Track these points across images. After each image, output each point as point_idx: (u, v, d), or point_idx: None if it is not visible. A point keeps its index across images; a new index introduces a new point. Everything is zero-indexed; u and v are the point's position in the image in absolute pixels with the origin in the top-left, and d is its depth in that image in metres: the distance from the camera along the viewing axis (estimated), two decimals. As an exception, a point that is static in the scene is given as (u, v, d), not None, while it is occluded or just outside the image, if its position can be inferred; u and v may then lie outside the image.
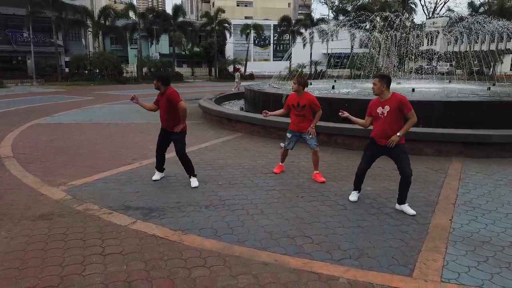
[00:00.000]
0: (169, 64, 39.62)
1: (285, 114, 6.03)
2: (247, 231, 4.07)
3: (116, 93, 23.01)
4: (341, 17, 43.81)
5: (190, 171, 5.61)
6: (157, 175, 5.81)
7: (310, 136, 5.72)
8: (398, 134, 4.44)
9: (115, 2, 71.93)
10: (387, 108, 4.50)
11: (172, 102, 5.37)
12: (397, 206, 4.67)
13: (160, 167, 5.84)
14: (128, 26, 38.09)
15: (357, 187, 5.01)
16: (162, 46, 45.82)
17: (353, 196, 4.99)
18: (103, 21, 36.01)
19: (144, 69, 38.74)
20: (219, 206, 4.77)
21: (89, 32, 40.05)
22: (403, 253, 3.62)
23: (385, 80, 4.52)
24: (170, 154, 6.00)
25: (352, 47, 42.06)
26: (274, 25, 49.85)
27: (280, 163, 6.24)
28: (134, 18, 38.92)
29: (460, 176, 6.04)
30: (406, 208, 4.58)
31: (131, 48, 46.64)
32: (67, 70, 36.83)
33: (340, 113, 4.97)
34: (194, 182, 5.54)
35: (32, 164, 6.74)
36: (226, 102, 14.43)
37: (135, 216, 4.46)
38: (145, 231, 4.07)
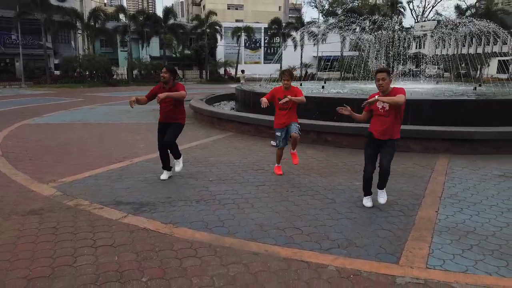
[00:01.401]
0: (160, 68, 39.53)
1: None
2: (237, 224, 4.12)
3: (106, 95, 22.90)
4: (331, 20, 44.19)
5: (178, 155, 5.66)
6: (165, 174, 5.69)
7: (282, 101, 5.49)
8: (376, 97, 4.27)
9: (105, 5, 71.67)
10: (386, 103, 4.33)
11: (181, 89, 5.31)
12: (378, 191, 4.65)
13: (167, 165, 5.71)
14: (118, 28, 37.96)
15: (367, 191, 4.68)
16: (153, 48, 45.71)
17: (367, 201, 4.64)
18: (93, 23, 35.80)
19: (135, 72, 38.61)
20: (210, 200, 4.82)
21: (79, 35, 39.83)
22: (390, 243, 3.71)
23: (389, 73, 4.38)
24: (156, 154, 6.02)
25: (342, 50, 42.45)
26: (264, 28, 50.09)
27: (277, 164, 6.04)
28: (124, 20, 38.82)
29: (446, 171, 6.16)
30: (382, 194, 4.57)
31: (121, 51, 46.44)
32: (56, 72, 36.53)
33: (340, 109, 4.63)
34: (179, 164, 5.63)
35: (22, 162, 6.71)
36: (217, 103, 14.48)
37: (126, 210, 4.48)
38: (136, 224, 4.09)
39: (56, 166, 6.45)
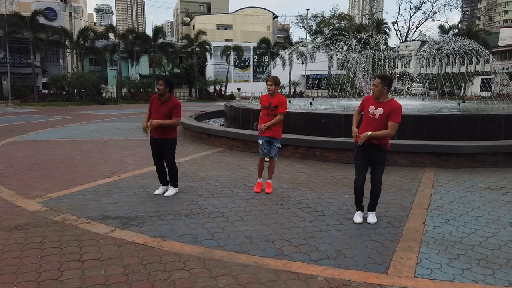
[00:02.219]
0: (149, 85, 39.61)
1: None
2: (227, 236, 4.10)
3: (95, 113, 22.79)
4: (318, 40, 45.11)
5: (174, 181, 5.63)
6: (160, 189, 5.65)
7: (258, 129, 5.59)
8: (369, 133, 4.22)
9: (94, 25, 72.01)
10: (380, 110, 4.30)
11: (174, 112, 5.29)
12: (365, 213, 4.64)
13: (164, 180, 5.67)
14: (108, 47, 38.03)
15: (359, 206, 4.61)
16: (142, 67, 45.83)
17: (357, 217, 4.56)
18: (82, 42, 35.85)
19: (124, 90, 38.57)
20: (199, 214, 4.80)
21: (68, 53, 39.79)
22: (379, 253, 3.73)
23: (387, 82, 4.32)
24: (151, 167, 5.98)
25: (329, 68, 43.18)
26: (253, 47, 50.76)
27: (258, 179, 5.85)
28: (114, 39, 38.98)
29: (433, 184, 6.26)
30: (372, 215, 4.57)
31: (110, 69, 46.43)
32: (44, 91, 36.27)
33: (359, 140, 4.38)
34: (171, 190, 5.58)
35: (7, 178, 6.61)
36: (206, 120, 14.52)
37: (113, 225, 4.43)
38: (124, 238, 4.05)
39: (43, 182, 6.37)
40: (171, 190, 5.61)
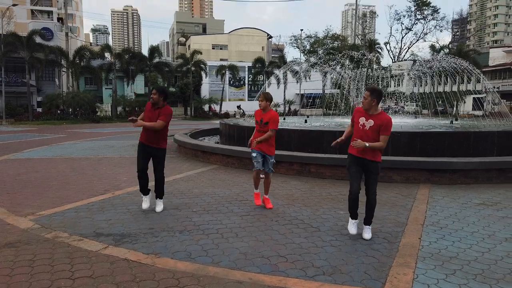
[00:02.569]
0: (145, 104, 39.72)
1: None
2: (221, 253, 4.05)
3: (89, 131, 22.74)
4: (312, 59, 45.73)
5: (161, 193, 5.60)
6: (146, 203, 5.55)
7: (250, 148, 5.69)
8: (367, 144, 4.26)
9: (90, 44, 72.61)
10: (370, 122, 4.34)
11: (161, 116, 5.21)
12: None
13: (145, 189, 5.54)
14: (103, 66, 38.28)
15: (353, 214, 4.58)
16: (138, 85, 46.08)
17: (352, 227, 4.56)
18: (78, 61, 36.08)
19: (119, 108, 38.64)
20: (193, 230, 4.74)
21: (63, 72, 39.94)
22: (375, 269, 3.70)
23: (376, 94, 4.35)
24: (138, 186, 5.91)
25: (323, 87, 43.67)
26: (248, 66, 51.39)
27: (255, 190, 5.93)
28: (110, 58, 39.25)
29: (427, 200, 6.26)
30: (367, 230, 4.54)
31: (106, 88, 46.63)
32: (39, 109, 36.21)
33: (335, 144, 4.79)
34: (160, 205, 5.55)
35: (-1, 196, 6.52)
36: (201, 138, 14.52)
37: (106, 242, 4.37)
38: (116, 255, 3.98)
39: (35, 199, 6.28)
40: (160, 205, 5.56)
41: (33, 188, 7.10)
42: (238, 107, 30.70)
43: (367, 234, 4.52)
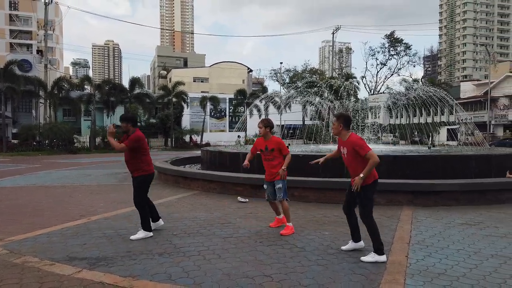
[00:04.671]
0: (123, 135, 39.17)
1: (253, 157, 5.82)
2: (204, 274, 3.85)
3: (66, 161, 22.09)
4: (292, 91, 46.65)
5: (141, 223, 5.31)
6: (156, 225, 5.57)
7: (282, 178, 5.44)
8: (361, 175, 4.24)
9: (70, 77, 72.14)
10: (345, 149, 4.43)
11: (126, 141, 5.18)
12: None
13: (151, 217, 5.48)
14: (83, 97, 37.85)
15: (352, 235, 4.64)
16: (118, 117, 45.55)
17: (346, 244, 4.69)
18: (56, 92, 35.59)
19: (98, 140, 37.95)
20: (173, 253, 4.52)
21: (41, 104, 39.28)
22: (364, 286, 3.57)
23: (342, 119, 4.40)
24: (123, 209, 5.70)
25: (303, 118, 44.37)
26: (229, 98, 51.93)
27: (277, 216, 5.78)
28: (89, 90, 38.92)
29: (411, 220, 6.22)
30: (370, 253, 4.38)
31: (84, 120, 45.98)
32: (14, 141, 35.16)
33: (314, 162, 4.94)
34: (137, 234, 5.20)
35: (-35, 223, 6.12)
36: (182, 166, 14.27)
37: (80, 265, 4.10)
38: (91, 279, 3.73)
39: (5, 226, 5.93)
40: (139, 233, 5.19)
41: (4, 215, 6.72)
42: (238, 136, 31.06)
43: (365, 256, 4.30)
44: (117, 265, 4.10)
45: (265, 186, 5.68)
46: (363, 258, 4.27)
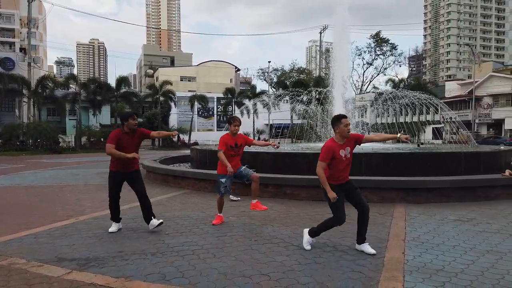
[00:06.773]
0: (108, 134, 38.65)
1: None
2: (199, 274, 3.74)
3: (51, 161, 21.61)
4: (280, 91, 46.66)
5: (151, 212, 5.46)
6: (114, 227, 5.38)
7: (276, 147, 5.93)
8: (398, 135, 4.59)
9: (54, 76, 70.78)
10: (348, 149, 4.41)
11: (146, 135, 5.73)
12: (357, 246, 4.51)
13: (117, 217, 5.46)
14: (68, 96, 37.16)
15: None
16: (104, 116, 44.96)
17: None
18: (40, 91, 34.84)
19: (83, 139, 37.29)
20: (167, 252, 4.40)
21: (24, 103, 38.41)
22: (363, 283, 3.52)
23: (332, 124, 4.48)
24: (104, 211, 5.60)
25: (292, 117, 44.41)
26: (217, 97, 51.65)
27: (218, 213, 5.86)
28: (74, 89, 38.22)
29: (405, 217, 6.21)
30: (366, 247, 4.41)
31: (69, 119, 45.19)
32: (-5, 141, 34.30)
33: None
34: (155, 221, 5.32)
35: None
36: (171, 165, 14.08)
37: (70, 267, 3.95)
38: (82, 280, 3.59)
39: (-12, 227, 5.71)
40: (155, 221, 5.40)
41: (-13, 216, 6.48)
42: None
43: (370, 249, 4.37)
44: (109, 266, 3.96)
45: (223, 179, 5.63)
46: (370, 251, 4.36)
